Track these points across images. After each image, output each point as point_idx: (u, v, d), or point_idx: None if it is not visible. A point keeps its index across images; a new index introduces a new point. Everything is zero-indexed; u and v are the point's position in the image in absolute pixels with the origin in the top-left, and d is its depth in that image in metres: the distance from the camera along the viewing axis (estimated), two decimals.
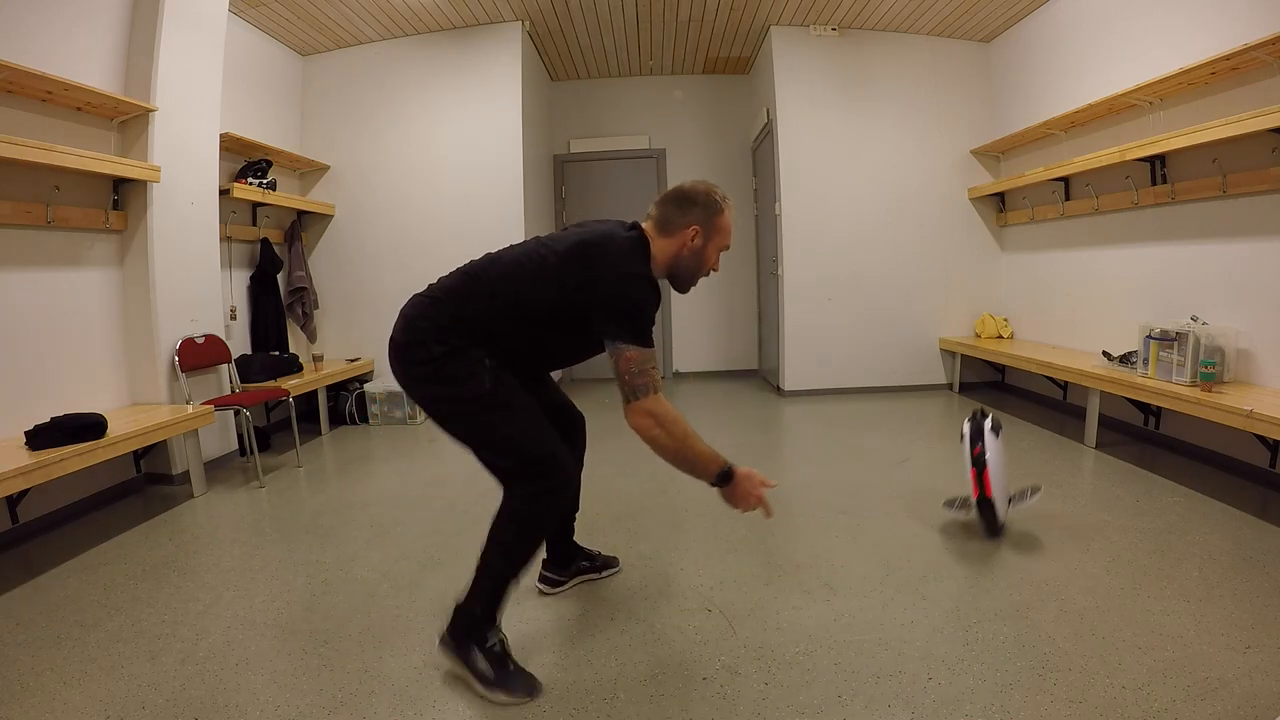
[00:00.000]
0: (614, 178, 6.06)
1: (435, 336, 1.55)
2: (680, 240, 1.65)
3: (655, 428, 1.50)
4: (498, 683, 1.52)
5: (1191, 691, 1.46)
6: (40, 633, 1.90)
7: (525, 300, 1.57)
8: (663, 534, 2.51)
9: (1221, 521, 2.42)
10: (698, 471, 1.55)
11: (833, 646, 1.72)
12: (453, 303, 1.58)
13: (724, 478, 1.54)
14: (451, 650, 1.58)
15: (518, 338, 1.60)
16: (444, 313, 1.57)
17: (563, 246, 1.59)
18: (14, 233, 2.67)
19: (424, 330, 1.56)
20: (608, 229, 1.65)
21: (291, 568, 2.30)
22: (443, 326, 1.56)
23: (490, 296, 1.58)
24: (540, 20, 4.74)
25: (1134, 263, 3.62)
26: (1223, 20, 2.94)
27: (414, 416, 4.62)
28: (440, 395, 1.58)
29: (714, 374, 6.21)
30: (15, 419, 2.57)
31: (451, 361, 1.54)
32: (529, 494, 1.56)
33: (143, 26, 3.14)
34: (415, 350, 1.55)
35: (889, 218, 5.06)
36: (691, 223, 1.64)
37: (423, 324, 1.57)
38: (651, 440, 1.51)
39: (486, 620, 1.58)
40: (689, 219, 1.65)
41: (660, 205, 1.69)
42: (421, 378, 1.58)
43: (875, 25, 4.88)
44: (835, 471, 3.19)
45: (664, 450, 1.52)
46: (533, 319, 1.58)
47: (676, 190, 1.70)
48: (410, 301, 1.65)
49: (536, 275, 1.57)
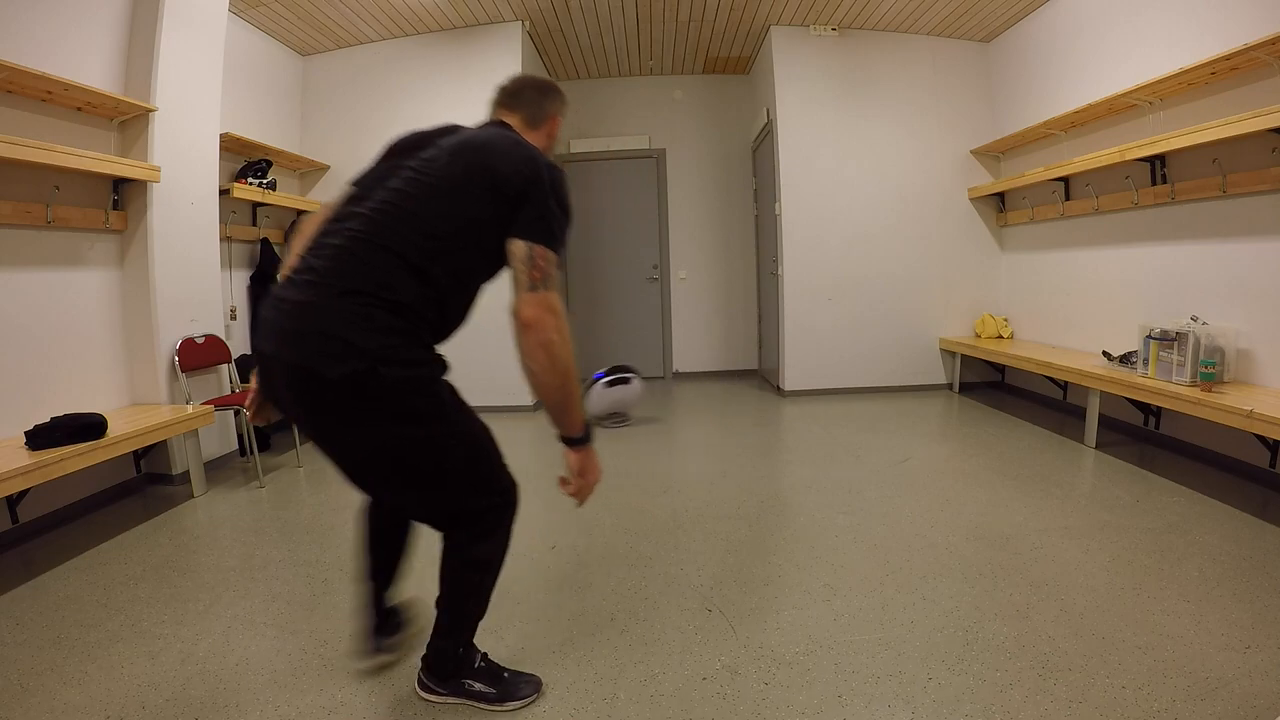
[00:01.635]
0: (614, 178, 6.06)
1: (387, 352, 1.17)
2: (547, 132, 1.51)
3: (553, 329, 1.21)
4: (502, 695, 1.51)
5: (1191, 691, 1.46)
6: (40, 633, 1.90)
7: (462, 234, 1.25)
8: (663, 534, 2.51)
9: (1221, 521, 2.42)
10: (571, 409, 1.28)
11: (833, 646, 1.72)
12: (387, 290, 1.19)
13: (588, 434, 1.35)
14: (442, 693, 1.51)
15: (462, 294, 1.32)
16: (381, 305, 1.19)
17: (447, 152, 1.31)
18: (14, 233, 2.67)
19: (368, 349, 1.16)
20: (487, 132, 1.38)
21: (291, 568, 2.30)
22: (394, 330, 1.20)
23: (428, 252, 1.22)
24: (540, 20, 4.73)
25: (1134, 263, 3.62)
26: (1223, 20, 2.94)
27: None
28: (394, 436, 1.22)
29: (714, 374, 6.21)
30: (15, 419, 2.57)
31: (412, 381, 1.22)
32: (487, 529, 1.39)
33: (143, 26, 3.14)
34: (354, 382, 1.15)
35: (889, 218, 5.06)
36: (554, 113, 1.51)
37: (365, 339, 1.16)
38: (543, 344, 1.21)
39: (466, 649, 1.51)
40: (553, 108, 1.51)
41: (519, 99, 1.48)
42: (365, 418, 1.19)
43: (875, 25, 4.88)
44: (835, 471, 3.19)
45: (551, 360, 1.22)
46: (468, 260, 1.27)
47: (526, 81, 1.52)
48: (308, 306, 1.18)
49: (452, 192, 1.25)
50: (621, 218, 6.07)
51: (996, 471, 3.11)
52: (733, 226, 6.13)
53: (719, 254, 6.14)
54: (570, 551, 2.39)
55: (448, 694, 1.51)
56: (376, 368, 1.15)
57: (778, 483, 3.04)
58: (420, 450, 1.25)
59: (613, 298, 6.15)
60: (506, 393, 4.84)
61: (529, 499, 2.99)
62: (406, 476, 1.28)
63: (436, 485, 1.31)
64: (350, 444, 1.25)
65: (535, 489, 3.15)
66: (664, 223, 6.08)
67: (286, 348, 1.19)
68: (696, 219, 6.11)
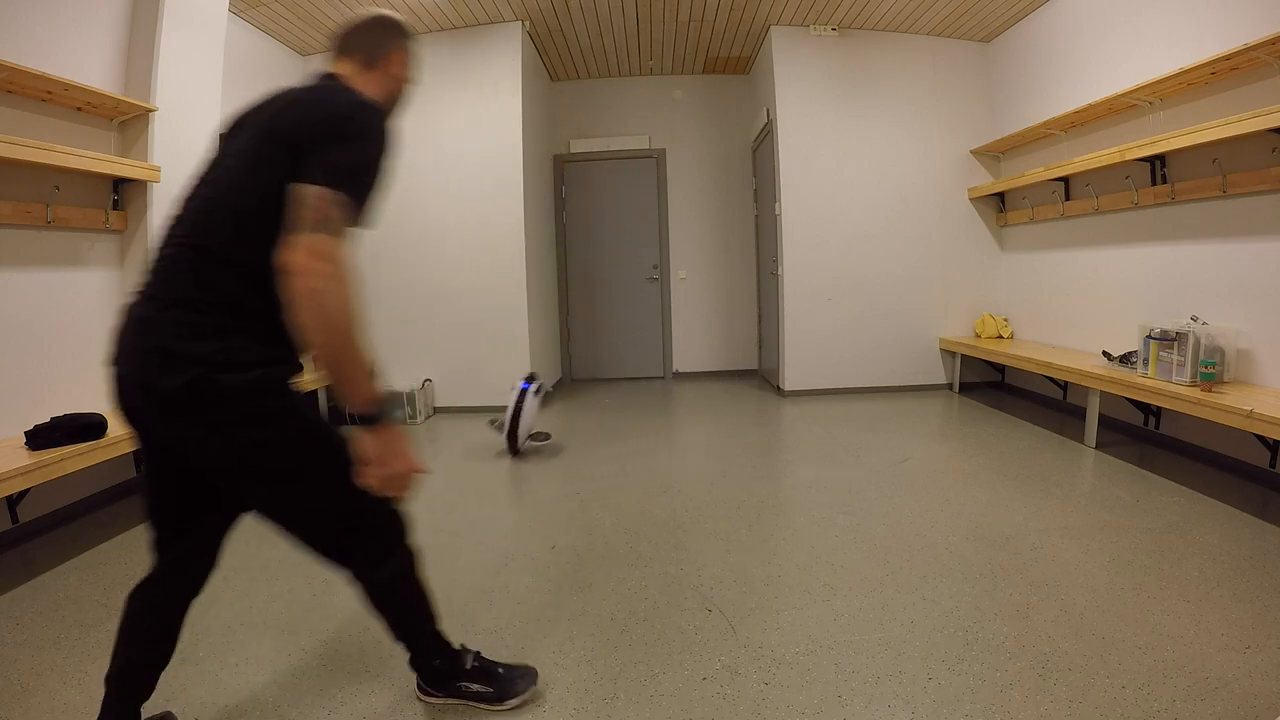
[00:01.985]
0: (614, 178, 6.06)
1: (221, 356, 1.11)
2: (388, 72, 1.37)
3: (322, 276, 1.05)
4: (500, 694, 1.51)
5: (1191, 691, 1.46)
6: (40, 633, 1.90)
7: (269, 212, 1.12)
8: (663, 534, 2.51)
9: (1221, 521, 2.42)
10: (351, 376, 1.12)
11: (833, 646, 1.72)
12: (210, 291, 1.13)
13: (383, 410, 1.17)
14: (440, 695, 1.51)
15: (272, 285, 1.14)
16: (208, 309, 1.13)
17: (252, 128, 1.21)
18: (14, 233, 2.66)
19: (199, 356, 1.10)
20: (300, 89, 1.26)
21: (291, 568, 2.30)
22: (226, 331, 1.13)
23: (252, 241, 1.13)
24: (540, 20, 4.73)
25: (1134, 263, 3.62)
26: (1223, 20, 2.94)
27: (413, 416, 4.62)
28: (251, 443, 1.15)
29: (714, 374, 6.21)
30: (15, 419, 2.57)
31: (256, 383, 1.14)
32: (382, 550, 1.31)
33: (143, 26, 3.14)
34: (192, 392, 1.09)
35: (889, 218, 5.06)
36: (393, 48, 1.38)
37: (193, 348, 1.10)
38: (309, 292, 1.04)
39: (446, 656, 1.50)
40: (392, 44, 1.38)
41: (350, 42, 1.37)
42: (215, 428, 1.13)
43: (875, 25, 4.88)
44: (835, 471, 3.19)
45: (320, 313, 1.06)
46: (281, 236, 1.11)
47: (358, 22, 1.39)
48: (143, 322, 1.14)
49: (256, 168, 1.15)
50: (621, 218, 6.08)
51: (996, 471, 3.11)
52: (733, 226, 6.13)
53: (719, 254, 6.14)
54: (570, 551, 2.39)
55: (446, 695, 1.52)
56: (211, 374, 1.09)
57: (778, 483, 3.04)
58: (281, 453, 1.17)
59: (613, 298, 6.15)
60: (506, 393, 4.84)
61: (529, 498, 3.01)
62: (273, 486, 1.20)
63: (307, 491, 1.22)
64: (210, 459, 1.16)
65: (535, 489, 3.16)
66: (664, 223, 6.08)
67: (128, 365, 1.14)
68: (696, 219, 6.11)
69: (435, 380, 4.91)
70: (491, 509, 2.91)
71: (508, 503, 3.02)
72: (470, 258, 4.81)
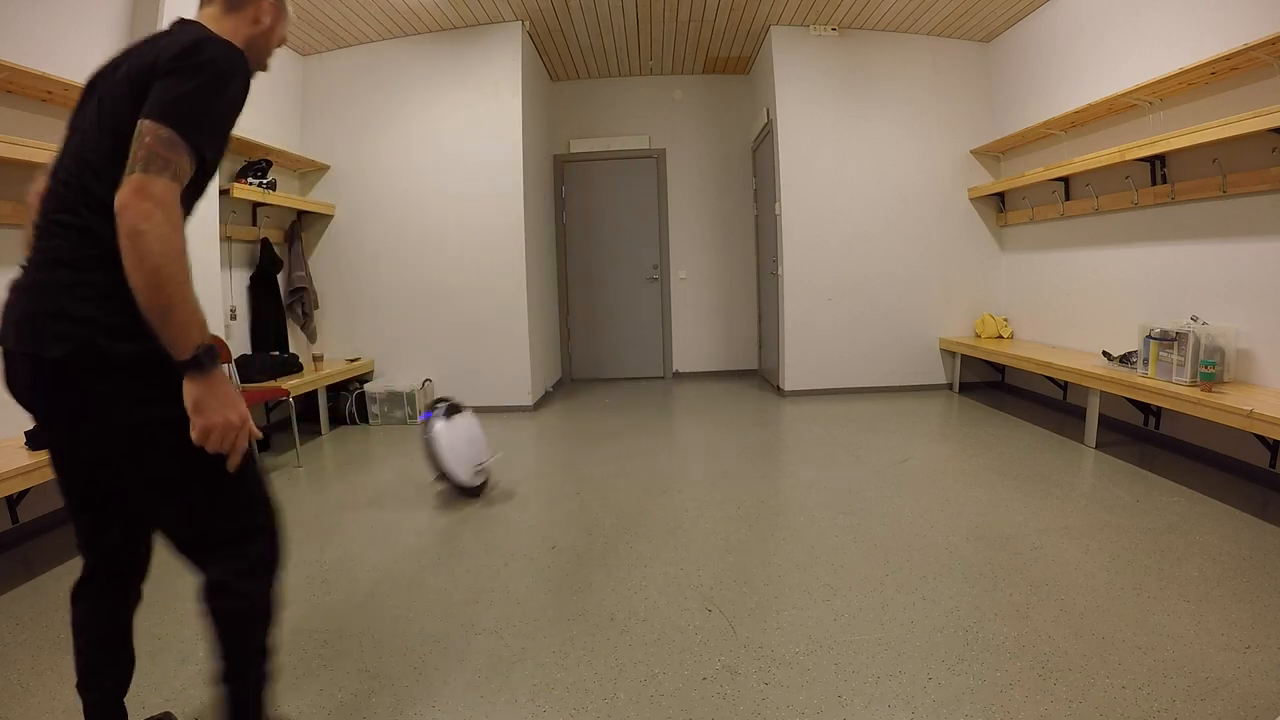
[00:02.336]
0: (614, 178, 6.06)
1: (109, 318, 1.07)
2: (252, 17, 1.28)
3: (144, 217, 0.98)
4: None
5: (1191, 691, 1.46)
6: (40, 633, 1.90)
7: None
8: (663, 534, 2.51)
9: (1221, 521, 2.42)
10: (172, 320, 1.02)
11: (833, 646, 1.72)
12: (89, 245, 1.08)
13: (209, 356, 1.06)
14: None
15: None
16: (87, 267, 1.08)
17: (109, 81, 1.14)
18: (14, 233, 2.67)
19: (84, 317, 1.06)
20: (149, 38, 1.19)
21: (291, 568, 2.29)
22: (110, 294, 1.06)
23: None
24: (540, 20, 4.73)
25: (1134, 263, 3.62)
26: (1223, 20, 2.94)
27: (414, 416, 4.62)
28: (140, 420, 1.10)
29: (714, 374, 6.21)
30: (15, 419, 2.56)
31: (150, 356, 1.07)
32: (256, 562, 1.25)
33: (143, 26, 3.14)
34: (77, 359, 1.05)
35: (889, 217, 5.06)
36: None
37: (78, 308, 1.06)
38: (130, 233, 0.98)
39: None
40: None
41: None
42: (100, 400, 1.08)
43: (875, 25, 4.88)
44: (835, 471, 3.19)
45: (139, 254, 0.98)
46: None
47: None
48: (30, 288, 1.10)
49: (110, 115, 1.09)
50: (621, 218, 6.08)
51: (996, 471, 3.11)
52: (733, 226, 6.13)
53: (719, 254, 6.14)
54: (570, 551, 2.39)
55: None
56: (97, 340, 1.04)
57: (778, 483, 3.04)
58: (170, 433, 1.08)
59: (613, 298, 6.15)
60: (506, 393, 4.84)
61: (530, 498, 3.01)
62: (155, 472, 1.13)
63: (194, 479, 1.14)
64: (92, 434, 1.10)
65: (535, 489, 3.15)
66: (664, 223, 6.08)
67: (14, 338, 1.09)
68: (696, 219, 6.11)
69: (435, 380, 4.91)
70: (492, 508, 2.90)
71: (507, 502, 3.02)
72: (470, 258, 4.81)
